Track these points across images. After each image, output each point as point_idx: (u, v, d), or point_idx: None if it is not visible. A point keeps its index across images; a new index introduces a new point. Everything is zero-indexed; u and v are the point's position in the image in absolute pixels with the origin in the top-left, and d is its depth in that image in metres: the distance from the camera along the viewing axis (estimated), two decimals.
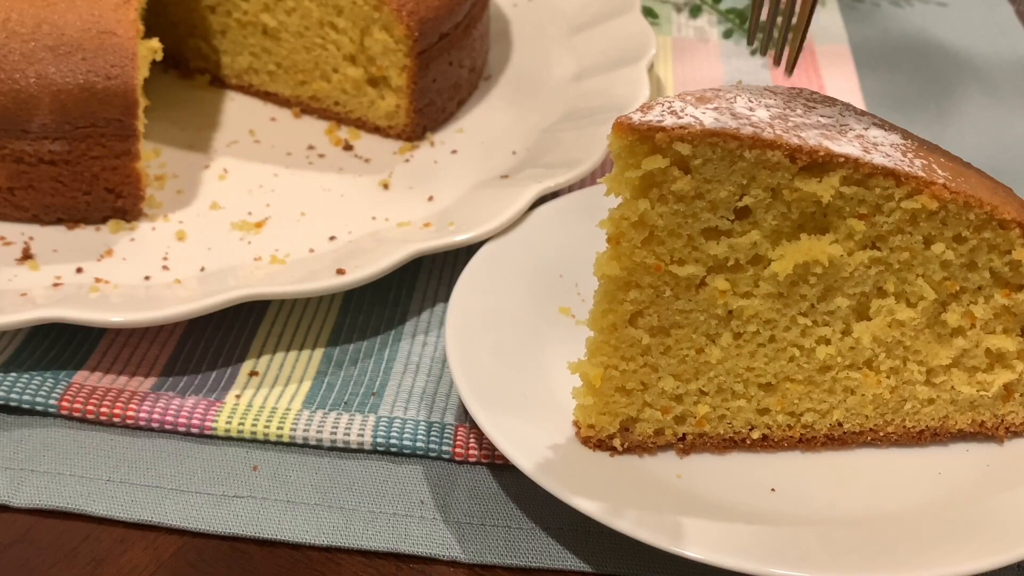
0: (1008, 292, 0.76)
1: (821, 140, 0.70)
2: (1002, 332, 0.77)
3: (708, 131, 0.68)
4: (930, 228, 0.73)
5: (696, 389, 0.77)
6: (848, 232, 0.73)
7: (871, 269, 0.74)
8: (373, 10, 1.05)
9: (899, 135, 0.76)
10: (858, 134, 0.73)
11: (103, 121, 0.95)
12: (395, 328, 0.92)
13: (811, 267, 0.73)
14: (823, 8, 1.40)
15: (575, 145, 1.03)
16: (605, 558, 0.74)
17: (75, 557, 0.75)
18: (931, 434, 0.80)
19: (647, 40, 1.18)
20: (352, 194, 1.03)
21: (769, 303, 0.75)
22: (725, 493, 0.75)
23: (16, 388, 0.84)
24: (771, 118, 0.71)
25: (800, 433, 0.80)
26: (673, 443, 0.79)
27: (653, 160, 0.69)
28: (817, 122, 0.73)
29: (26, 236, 0.97)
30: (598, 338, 0.76)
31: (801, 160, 0.70)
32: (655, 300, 0.74)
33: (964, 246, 0.74)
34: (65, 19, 0.95)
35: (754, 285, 0.74)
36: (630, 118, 0.69)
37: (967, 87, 1.25)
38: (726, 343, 0.76)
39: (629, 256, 0.73)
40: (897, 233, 0.73)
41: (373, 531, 0.76)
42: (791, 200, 0.72)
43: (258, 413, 0.83)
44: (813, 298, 0.75)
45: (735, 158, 0.70)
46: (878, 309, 0.76)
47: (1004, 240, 0.74)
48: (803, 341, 0.77)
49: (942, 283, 0.75)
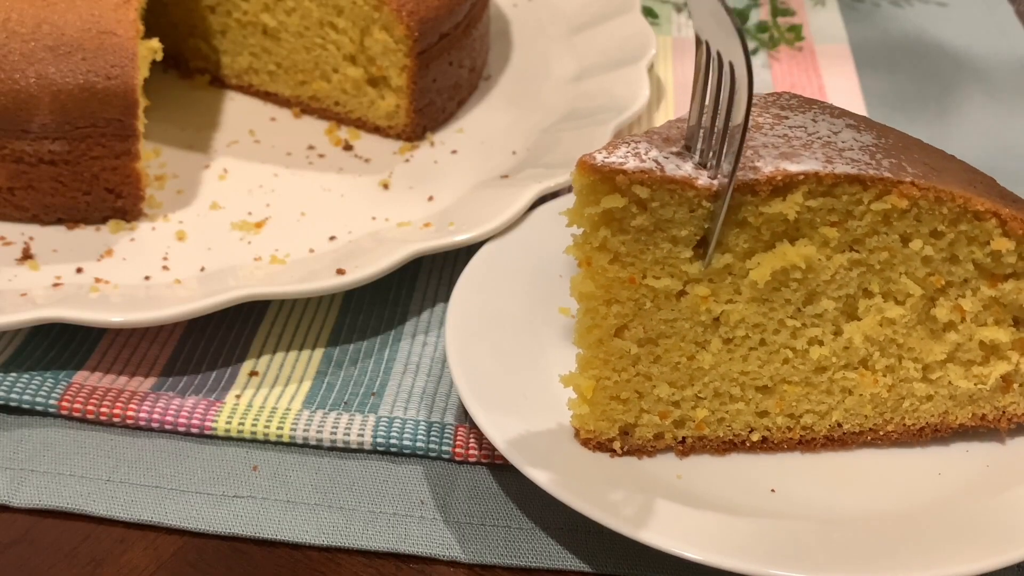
0: (994, 283, 0.75)
1: (779, 163, 0.71)
2: (994, 323, 0.77)
3: (667, 178, 0.70)
4: (905, 226, 0.73)
5: (692, 395, 0.77)
6: (823, 240, 0.73)
7: (852, 271, 0.74)
8: (373, 10, 1.05)
9: (873, 134, 0.75)
10: (826, 141, 0.73)
11: (103, 121, 0.95)
12: (395, 328, 0.92)
13: (790, 272, 0.74)
14: (823, 8, 1.40)
15: (575, 145, 1.03)
16: (605, 558, 0.74)
17: (75, 557, 0.75)
18: (932, 430, 0.80)
19: (647, 40, 1.18)
20: (352, 194, 1.03)
21: (754, 307, 0.75)
22: (725, 494, 0.75)
23: (16, 388, 0.84)
24: None
25: (800, 435, 0.80)
26: (673, 446, 0.79)
27: (612, 199, 0.71)
28: (784, 136, 0.73)
29: (26, 236, 0.97)
30: (587, 353, 0.76)
31: (762, 191, 0.70)
32: (638, 312, 0.75)
33: (942, 240, 0.74)
34: (65, 19, 0.95)
35: (735, 292, 0.74)
36: (594, 157, 0.70)
37: (967, 87, 1.25)
38: (716, 348, 0.76)
39: (603, 274, 0.73)
40: (872, 234, 0.73)
41: (373, 531, 0.76)
42: (759, 224, 0.72)
43: (258, 413, 0.83)
44: (798, 302, 0.75)
45: (694, 205, 0.71)
46: (866, 308, 0.76)
47: (981, 231, 0.74)
48: (795, 343, 0.77)
49: (926, 279, 0.75)
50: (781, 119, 0.75)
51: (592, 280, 0.73)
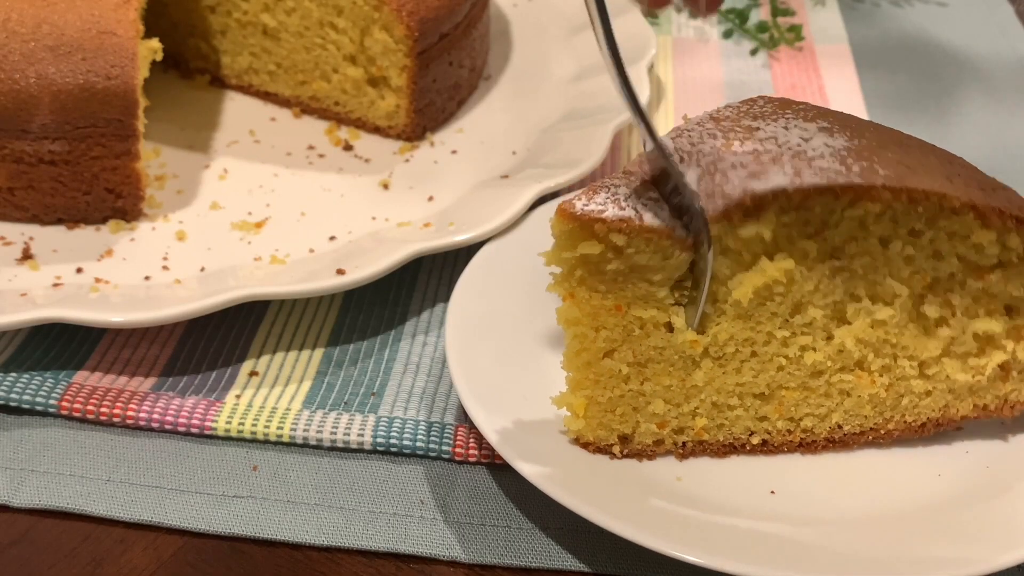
0: (981, 275, 0.75)
1: (748, 183, 0.70)
2: (986, 315, 0.77)
3: (645, 227, 0.71)
4: (882, 229, 0.73)
5: (689, 410, 0.77)
6: (802, 253, 0.73)
7: (836, 279, 0.74)
8: (373, 10, 1.05)
9: (846, 136, 0.74)
10: (795, 152, 0.72)
11: (103, 121, 0.95)
12: (395, 328, 0.92)
13: (772, 287, 0.74)
14: (823, 8, 1.40)
15: (575, 145, 1.03)
16: (605, 559, 0.74)
17: (75, 557, 0.75)
18: (934, 425, 0.80)
19: (647, 40, 1.18)
20: (352, 194, 1.03)
21: (740, 324, 0.75)
22: (725, 496, 0.75)
23: (16, 388, 0.84)
24: (699, 176, 0.71)
25: (800, 437, 0.80)
26: (672, 450, 0.79)
27: (589, 245, 0.71)
28: (753, 152, 0.72)
29: (26, 236, 0.96)
30: (576, 375, 0.76)
31: (735, 218, 0.70)
32: (626, 338, 0.75)
33: (922, 239, 0.73)
34: (65, 19, 0.95)
35: (720, 313, 0.74)
36: (573, 205, 0.71)
37: (967, 87, 1.25)
38: (707, 367, 0.76)
39: (587, 303, 0.74)
40: (851, 241, 0.73)
41: (373, 531, 0.76)
42: (739, 249, 0.72)
43: (258, 413, 0.83)
44: (784, 314, 0.75)
45: (668, 254, 0.72)
46: (855, 312, 0.75)
47: (961, 226, 0.73)
48: (787, 351, 0.76)
49: (912, 278, 0.75)
50: (752, 132, 0.74)
51: (578, 309, 0.74)
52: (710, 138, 0.74)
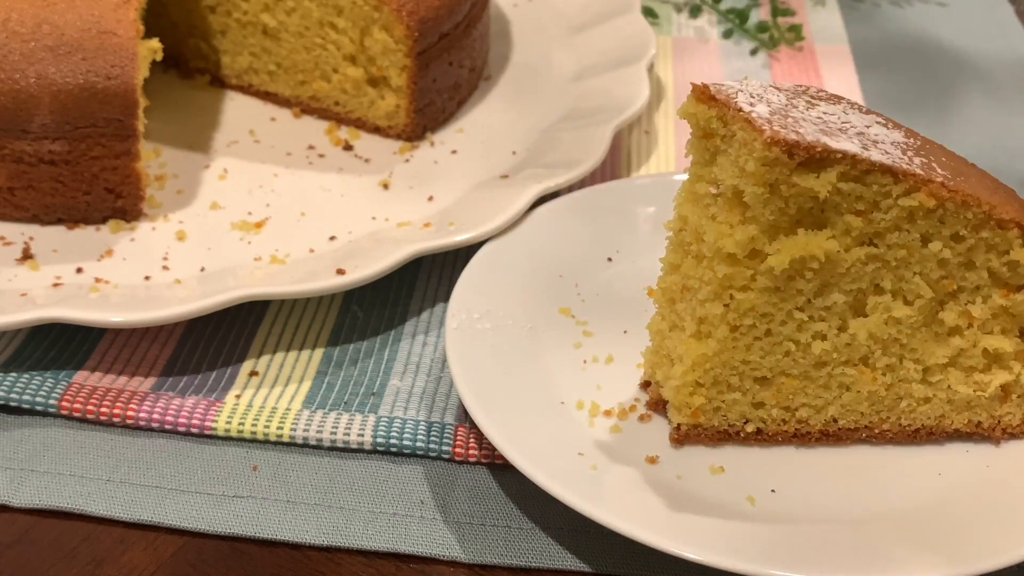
0: (1007, 292, 0.76)
1: (819, 136, 0.70)
2: (1000, 333, 0.77)
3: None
4: (927, 226, 0.73)
5: (692, 380, 0.77)
6: (845, 228, 0.73)
7: (868, 266, 0.74)
8: (373, 10, 1.05)
9: (901, 133, 0.76)
10: (859, 131, 0.73)
11: (103, 121, 0.95)
12: (395, 328, 0.92)
13: (808, 262, 0.73)
14: (823, 8, 1.40)
15: (575, 145, 1.03)
16: (605, 558, 0.74)
17: (75, 557, 0.75)
18: (927, 433, 0.80)
19: (647, 40, 1.18)
20: (352, 194, 1.03)
21: (766, 296, 0.75)
22: (725, 494, 0.75)
23: (16, 388, 0.84)
24: (771, 113, 0.71)
25: (795, 428, 0.80)
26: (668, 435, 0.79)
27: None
28: (818, 118, 0.73)
29: (26, 236, 0.96)
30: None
31: (799, 156, 0.70)
32: None
33: (962, 245, 0.74)
34: (65, 19, 0.95)
35: (751, 279, 0.74)
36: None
37: (967, 87, 1.25)
38: (722, 335, 0.76)
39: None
40: (894, 230, 0.73)
41: (373, 531, 0.76)
42: (788, 195, 0.71)
43: (258, 413, 0.83)
44: (810, 293, 0.75)
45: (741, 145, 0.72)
46: (875, 306, 0.76)
47: (1002, 240, 0.74)
48: (799, 336, 0.76)
49: (939, 282, 0.75)
50: (813, 106, 0.75)
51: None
52: (775, 94, 0.74)
